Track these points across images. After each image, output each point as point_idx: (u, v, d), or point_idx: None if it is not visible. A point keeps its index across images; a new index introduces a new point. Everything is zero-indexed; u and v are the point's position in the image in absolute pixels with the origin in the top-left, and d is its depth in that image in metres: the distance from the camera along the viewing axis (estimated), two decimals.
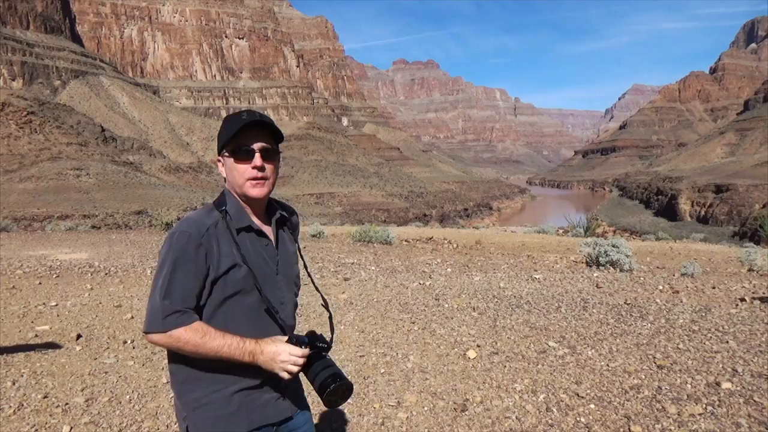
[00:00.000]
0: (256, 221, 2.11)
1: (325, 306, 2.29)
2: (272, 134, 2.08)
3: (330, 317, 2.31)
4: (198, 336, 1.92)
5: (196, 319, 1.96)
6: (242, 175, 2.03)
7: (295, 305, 2.26)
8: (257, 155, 2.02)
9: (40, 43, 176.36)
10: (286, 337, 2.01)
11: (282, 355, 1.95)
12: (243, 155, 2.03)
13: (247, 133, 2.02)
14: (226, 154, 2.07)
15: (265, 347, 1.95)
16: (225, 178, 2.14)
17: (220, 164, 2.15)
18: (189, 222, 2.02)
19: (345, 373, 2.08)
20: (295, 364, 1.95)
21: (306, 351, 1.99)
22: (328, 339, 2.09)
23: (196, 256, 1.95)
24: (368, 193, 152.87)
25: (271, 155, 2.07)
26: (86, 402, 4.70)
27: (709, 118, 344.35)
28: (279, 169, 2.16)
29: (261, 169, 2.03)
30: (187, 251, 1.95)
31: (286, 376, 1.97)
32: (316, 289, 2.37)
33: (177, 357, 2.04)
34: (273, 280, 2.09)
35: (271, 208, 2.20)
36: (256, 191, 2.04)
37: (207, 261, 1.96)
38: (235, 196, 2.10)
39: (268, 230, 2.14)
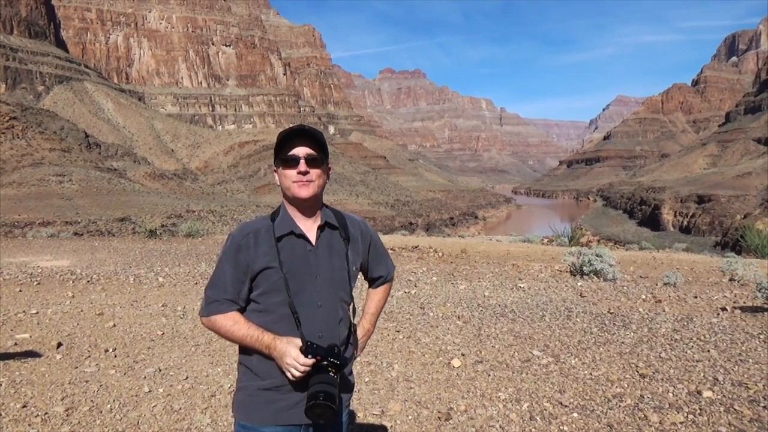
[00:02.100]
0: (303, 226, 2.31)
1: (351, 318, 2.43)
2: (318, 144, 2.30)
3: (353, 332, 2.45)
4: (229, 324, 2.24)
5: (232, 309, 2.26)
6: (289, 179, 2.28)
7: (346, 309, 2.39)
8: (302, 161, 2.26)
9: (24, 48, 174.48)
10: (300, 342, 2.17)
11: (287, 358, 2.16)
12: (290, 162, 2.28)
13: (293, 143, 2.29)
14: (278, 163, 2.33)
15: (278, 345, 2.18)
16: (281, 188, 2.37)
17: (276, 174, 2.38)
18: (238, 227, 2.35)
19: (339, 397, 2.17)
20: (297, 370, 2.14)
21: (310, 361, 2.12)
22: (343, 354, 2.23)
23: (236, 256, 2.25)
24: (354, 201, 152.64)
25: (315, 162, 2.28)
26: (66, 411, 4.64)
27: (691, 129, 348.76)
28: (328, 176, 2.38)
29: (305, 173, 2.26)
30: (229, 251, 2.27)
31: (290, 376, 2.18)
32: (351, 299, 2.44)
33: (239, 347, 2.34)
34: (312, 282, 2.26)
35: (324, 216, 2.38)
36: (302, 191, 2.26)
37: (244, 260, 2.24)
38: (287, 204, 2.35)
39: (312, 235, 2.32)
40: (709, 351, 5.75)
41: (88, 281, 10.68)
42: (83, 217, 75.30)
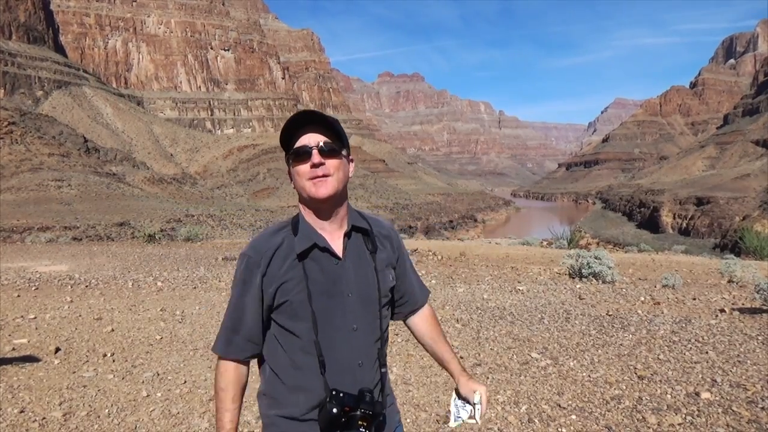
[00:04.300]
0: (327, 235, 1.91)
1: (381, 353, 1.96)
2: (332, 130, 1.89)
3: (384, 374, 1.97)
4: (221, 378, 1.89)
5: (244, 354, 1.90)
6: (302, 177, 1.85)
7: (381, 333, 1.95)
8: (314, 151, 1.84)
9: (23, 53, 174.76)
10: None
11: None
12: (301, 156, 1.86)
13: (302, 132, 1.88)
14: (289, 160, 1.91)
15: None
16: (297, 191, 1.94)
17: (290, 177, 1.95)
18: (252, 243, 1.92)
19: None
20: None
21: None
22: (377, 401, 1.81)
23: (252, 282, 1.86)
24: (353, 205, 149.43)
25: (332, 151, 1.86)
26: (64, 416, 4.62)
27: (689, 131, 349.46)
28: (350, 168, 1.99)
29: (319, 164, 1.83)
30: (243, 275, 1.88)
31: None
32: (379, 325, 1.94)
33: (265, 365, 1.96)
34: (343, 303, 1.86)
35: (350, 220, 1.97)
36: (320, 190, 1.83)
37: (263, 285, 1.85)
38: (304, 209, 1.95)
39: (338, 244, 1.91)
40: (707, 353, 5.76)
41: (87, 286, 10.67)
42: (82, 222, 75.32)
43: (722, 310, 7.88)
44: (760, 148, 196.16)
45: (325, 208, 1.89)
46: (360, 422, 1.72)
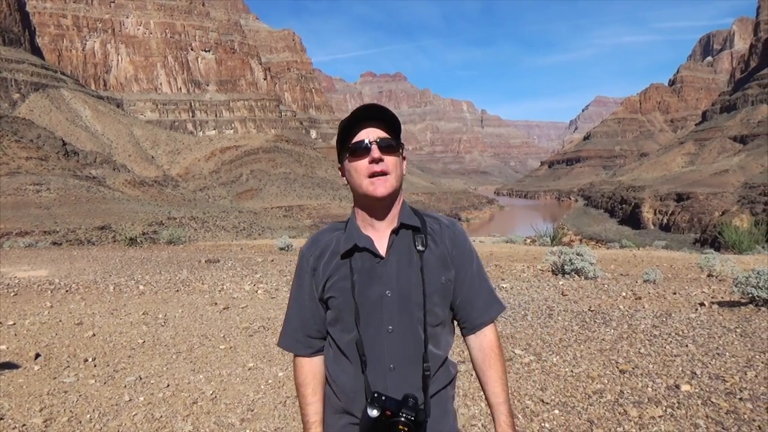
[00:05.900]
0: (374, 234, 1.87)
1: (426, 356, 1.84)
2: (390, 126, 1.85)
3: (426, 377, 1.82)
4: (298, 376, 1.98)
5: (304, 352, 1.96)
6: (360, 174, 1.80)
7: (435, 335, 1.86)
8: (374, 146, 1.78)
9: None
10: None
11: None
12: (359, 151, 1.80)
13: (359, 127, 1.83)
14: (344, 156, 1.87)
15: None
16: (351, 188, 1.91)
17: (341, 172, 1.93)
18: (308, 240, 2.02)
19: None
20: None
21: None
22: (420, 408, 1.71)
23: (305, 278, 1.95)
24: (337, 205, 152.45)
25: (390, 148, 1.81)
26: (44, 422, 4.57)
27: (669, 128, 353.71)
28: (404, 166, 1.91)
29: (378, 160, 1.78)
30: (300, 273, 1.97)
31: None
32: (422, 328, 1.83)
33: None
34: (379, 302, 1.81)
35: (401, 217, 1.89)
36: (378, 189, 1.78)
37: (314, 280, 1.92)
38: (357, 207, 1.92)
39: (383, 244, 1.86)
40: (687, 346, 5.83)
41: (67, 291, 10.54)
42: (62, 227, 74.24)
43: (702, 304, 7.99)
44: (738, 144, 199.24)
45: (379, 206, 1.86)
46: (401, 428, 1.64)
